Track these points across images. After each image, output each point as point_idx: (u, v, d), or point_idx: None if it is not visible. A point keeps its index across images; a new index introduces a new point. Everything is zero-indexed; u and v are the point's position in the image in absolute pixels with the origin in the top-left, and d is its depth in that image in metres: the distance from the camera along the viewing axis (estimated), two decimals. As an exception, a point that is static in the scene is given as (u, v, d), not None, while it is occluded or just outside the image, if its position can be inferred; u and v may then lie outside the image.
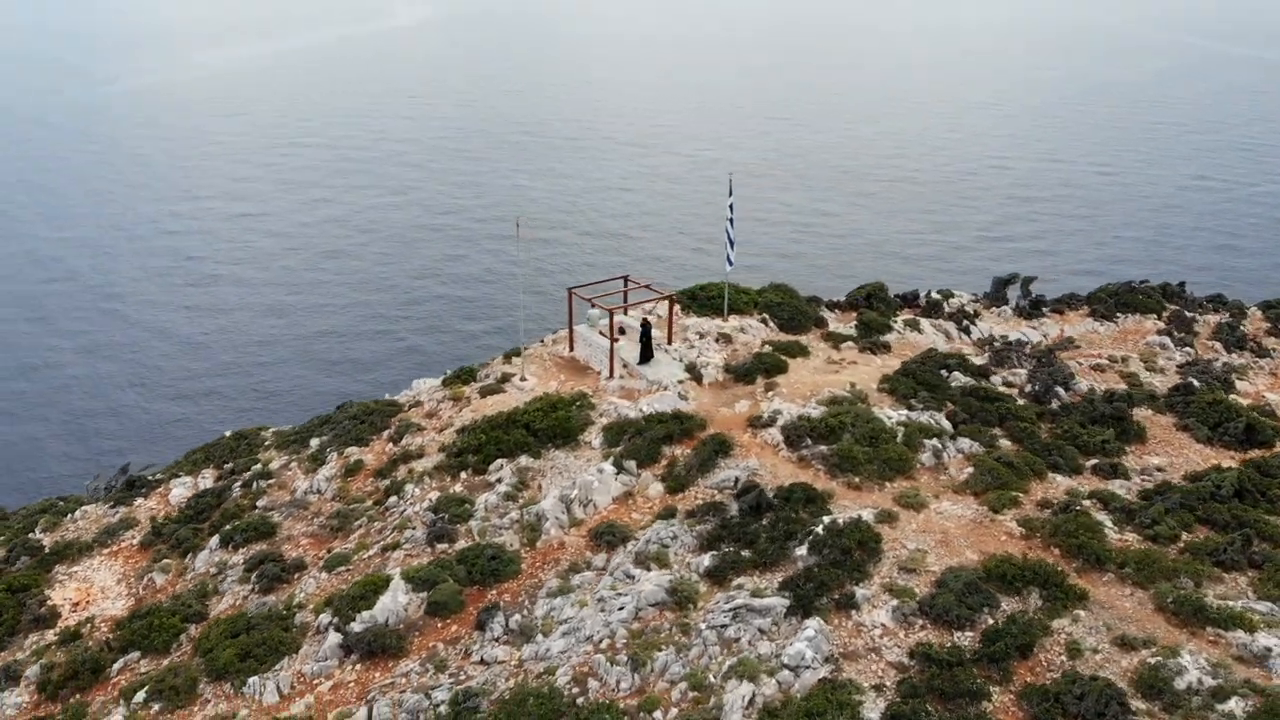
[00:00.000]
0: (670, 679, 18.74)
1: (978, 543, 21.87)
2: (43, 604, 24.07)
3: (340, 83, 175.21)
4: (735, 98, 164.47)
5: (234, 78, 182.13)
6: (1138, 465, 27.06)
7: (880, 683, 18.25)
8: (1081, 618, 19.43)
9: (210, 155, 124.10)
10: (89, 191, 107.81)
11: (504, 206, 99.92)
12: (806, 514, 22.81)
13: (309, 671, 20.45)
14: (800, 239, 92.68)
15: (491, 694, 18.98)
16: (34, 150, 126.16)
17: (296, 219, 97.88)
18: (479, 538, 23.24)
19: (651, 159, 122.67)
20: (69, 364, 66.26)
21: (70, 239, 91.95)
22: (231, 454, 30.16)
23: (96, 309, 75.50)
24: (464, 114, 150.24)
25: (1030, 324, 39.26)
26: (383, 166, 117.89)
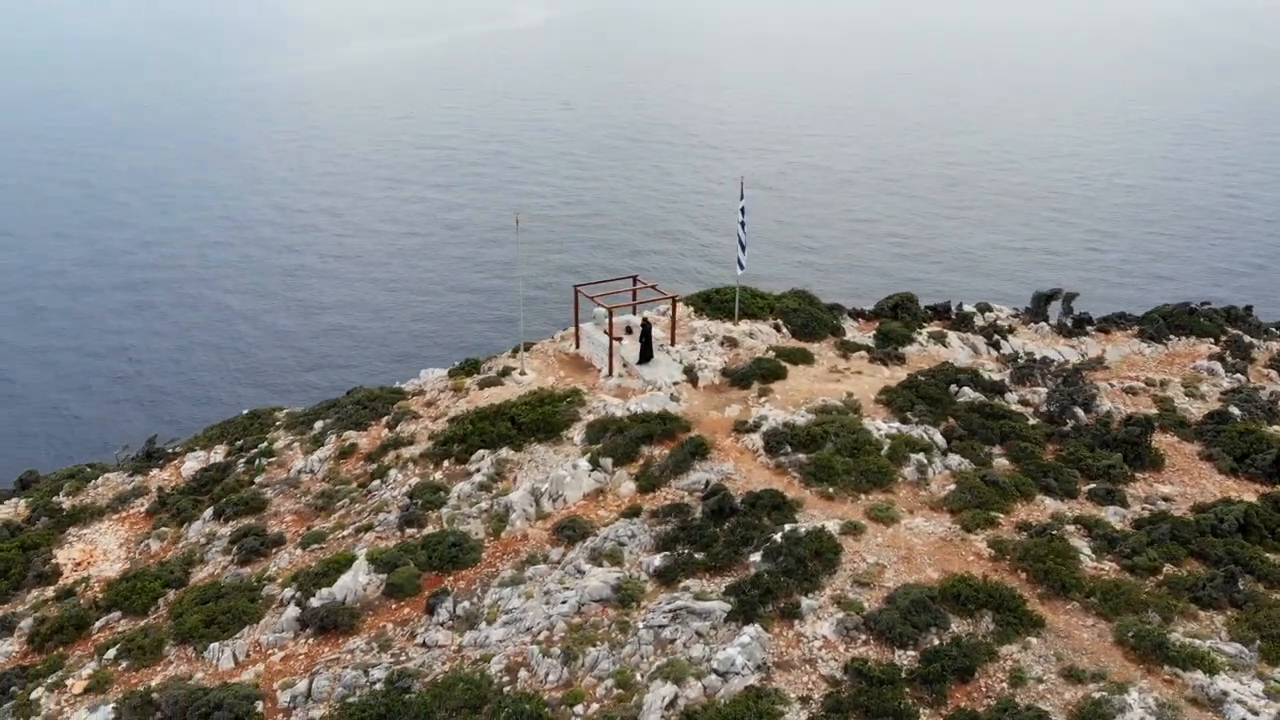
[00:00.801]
0: (598, 675, 18.72)
1: (942, 561, 21.17)
2: (47, 562, 25.58)
3: (453, 82, 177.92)
4: (845, 102, 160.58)
5: (354, 75, 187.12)
6: (1144, 493, 25.70)
7: (809, 695, 17.87)
8: (1033, 645, 18.63)
9: (318, 151, 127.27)
10: (201, 182, 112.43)
11: (594, 208, 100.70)
12: (770, 521, 22.46)
13: (265, 641, 21.15)
14: (885, 247, 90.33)
15: (425, 676, 19.30)
16: (153, 141, 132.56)
17: (392, 215, 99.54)
18: (447, 525, 23.65)
19: (746, 163, 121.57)
20: (155, 344, 69.70)
21: (177, 227, 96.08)
22: (244, 432, 31.45)
23: (193, 294, 78.69)
24: (570, 116, 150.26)
25: (1069, 342, 37.63)
26: (483, 167, 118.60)
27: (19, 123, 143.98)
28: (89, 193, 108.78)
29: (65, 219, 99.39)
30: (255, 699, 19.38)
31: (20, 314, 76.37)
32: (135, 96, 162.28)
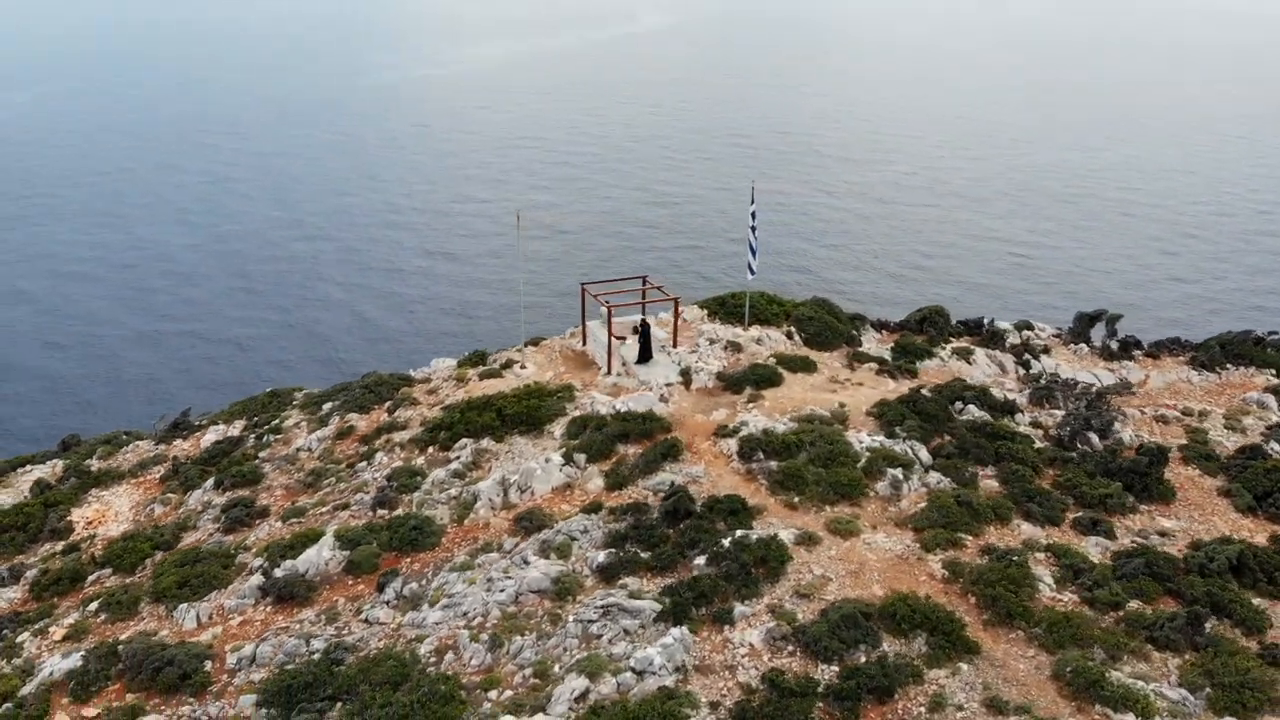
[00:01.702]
0: (520, 663, 18.96)
1: (891, 578, 20.58)
2: (62, 519, 27.41)
3: (572, 85, 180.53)
4: (971, 112, 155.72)
5: (480, 76, 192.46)
6: (1140, 526, 24.35)
7: (720, 701, 17.69)
8: (963, 671, 17.97)
9: (430, 150, 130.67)
10: (317, 177, 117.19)
11: (684, 213, 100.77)
12: (725, 525, 22.26)
13: (229, 606, 22.16)
14: (994, 264, 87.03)
15: (360, 651, 19.90)
16: (278, 135, 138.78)
17: (488, 213, 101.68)
18: (416, 508, 24.28)
19: (860, 174, 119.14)
20: (251, 330, 73.31)
21: (294, 220, 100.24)
22: (263, 409, 32.93)
23: (298, 283, 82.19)
24: (682, 120, 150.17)
25: (1109, 365, 35.82)
26: (589, 171, 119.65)
27: (155, 112, 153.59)
28: (212, 181, 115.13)
29: (187, 206, 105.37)
30: (206, 658, 20.36)
31: (134, 293, 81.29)
32: (271, 93, 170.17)
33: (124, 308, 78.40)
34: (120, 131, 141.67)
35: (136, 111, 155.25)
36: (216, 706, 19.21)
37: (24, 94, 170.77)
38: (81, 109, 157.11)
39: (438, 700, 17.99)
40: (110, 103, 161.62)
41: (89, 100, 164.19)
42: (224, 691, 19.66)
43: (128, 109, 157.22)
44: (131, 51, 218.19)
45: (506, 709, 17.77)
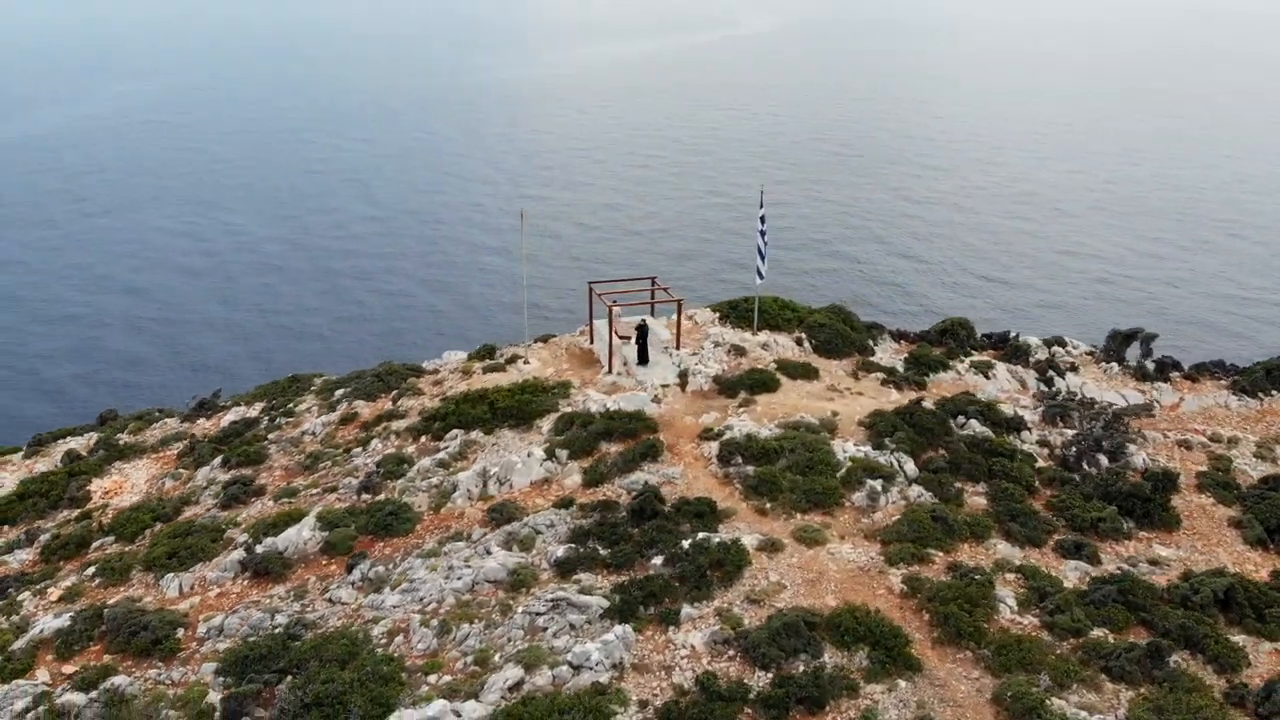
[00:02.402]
0: (463, 650, 19.29)
1: (849, 590, 20.25)
2: (81, 488, 28.93)
3: (663, 89, 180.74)
4: (1080, 123, 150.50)
5: (575, 79, 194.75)
6: (1133, 552, 23.38)
7: (650, 700, 17.70)
8: (899, 688, 17.59)
9: (520, 151, 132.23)
10: (412, 174, 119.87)
11: (771, 219, 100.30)
12: (690, 527, 22.22)
13: (210, 578, 23.09)
14: (1077, 282, 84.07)
15: (319, 628, 20.52)
16: (380, 136, 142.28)
17: (575, 217, 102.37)
18: (398, 495, 24.88)
19: (954, 180, 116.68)
20: (327, 320, 76.02)
21: (380, 215, 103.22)
22: (282, 392, 34.12)
23: (380, 278, 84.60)
24: (779, 126, 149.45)
25: (1140, 386, 34.38)
26: (679, 175, 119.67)
27: (264, 107, 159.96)
28: (305, 174, 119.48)
29: (279, 197, 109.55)
30: (179, 626, 21.27)
31: (219, 280, 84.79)
32: (376, 90, 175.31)
33: (208, 293, 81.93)
34: (230, 123, 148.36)
35: (249, 105, 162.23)
36: (180, 671, 20.06)
37: (151, 83, 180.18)
38: (198, 101, 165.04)
39: (377, 680, 18.44)
40: (225, 96, 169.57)
41: (206, 93, 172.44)
42: (190, 658, 20.51)
43: (242, 103, 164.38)
44: (258, 48, 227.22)
45: (441, 693, 18.12)
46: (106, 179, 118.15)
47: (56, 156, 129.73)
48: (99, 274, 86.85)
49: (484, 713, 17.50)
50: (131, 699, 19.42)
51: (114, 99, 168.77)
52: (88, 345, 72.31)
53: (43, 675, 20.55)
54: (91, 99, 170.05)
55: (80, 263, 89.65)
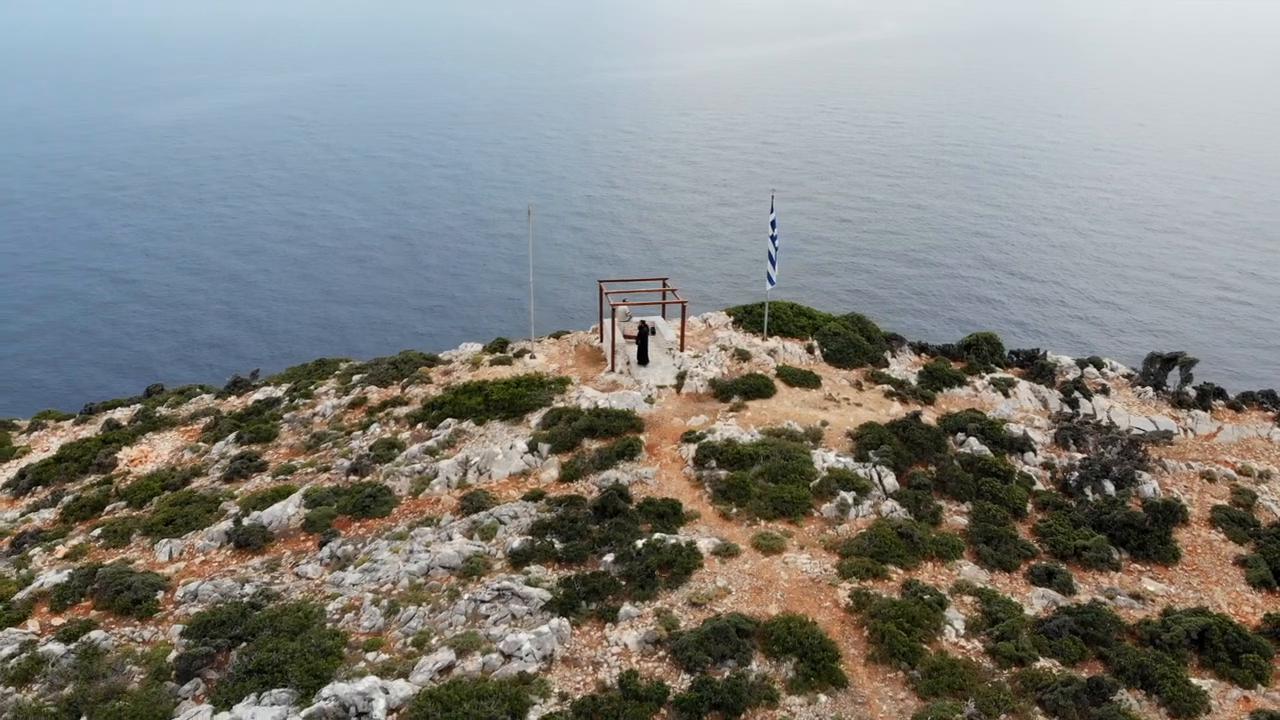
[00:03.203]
0: (405, 631, 19.85)
1: (794, 600, 20.01)
2: (109, 456, 30.75)
3: (782, 93, 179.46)
4: (1212, 139, 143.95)
5: (694, 80, 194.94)
6: (1116, 584, 22.34)
7: (571, 693, 17.90)
8: (820, 702, 17.35)
9: (625, 154, 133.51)
10: (515, 173, 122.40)
11: (870, 227, 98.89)
12: (650, 527, 22.30)
13: (198, 546, 24.28)
14: (1193, 308, 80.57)
15: (281, 600, 21.40)
16: (482, 134, 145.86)
17: (668, 224, 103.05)
18: (383, 479, 25.66)
19: (1068, 196, 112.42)
20: (397, 308, 78.72)
21: (479, 214, 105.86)
22: (308, 375, 35.47)
23: (472, 274, 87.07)
24: (900, 132, 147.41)
25: (1175, 413, 32.64)
26: (794, 177, 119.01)
27: (391, 102, 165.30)
28: (411, 170, 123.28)
29: (389, 194, 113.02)
30: (160, 588, 22.47)
31: (318, 269, 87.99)
32: (493, 88, 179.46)
33: (304, 280, 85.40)
34: (354, 118, 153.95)
35: (376, 101, 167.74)
36: (152, 630, 21.20)
37: (294, 77, 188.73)
38: (330, 96, 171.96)
39: (318, 653, 19.14)
40: (357, 92, 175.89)
41: (340, 88, 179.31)
42: (165, 619, 21.64)
43: (370, 98, 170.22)
44: (398, 46, 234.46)
45: (376, 670, 18.69)
46: (237, 166, 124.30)
47: (198, 142, 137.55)
48: (205, 257, 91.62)
49: (410, 692, 18.00)
50: (104, 653, 20.63)
51: (260, 90, 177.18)
52: (183, 325, 76.31)
53: (34, 625, 22.00)
54: (239, 89, 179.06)
55: (189, 246, 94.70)
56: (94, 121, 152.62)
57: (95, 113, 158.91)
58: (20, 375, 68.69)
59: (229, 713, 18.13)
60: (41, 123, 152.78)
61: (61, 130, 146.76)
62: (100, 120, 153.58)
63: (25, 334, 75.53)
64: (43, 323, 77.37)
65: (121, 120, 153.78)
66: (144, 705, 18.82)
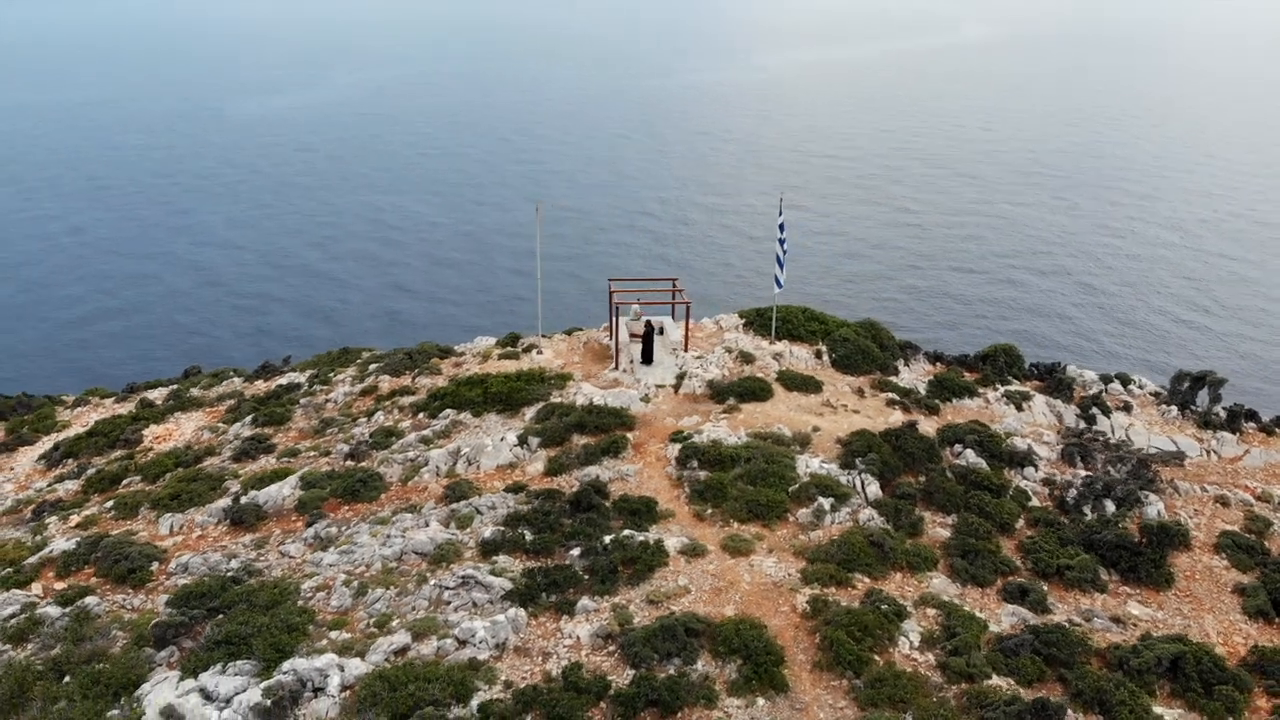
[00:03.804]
0: (370, 613, 20.41)
1: (751, 603, 19.97)
2: (135, 433, 32.22)
3: (860, 97, 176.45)
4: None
5: (773, 84, 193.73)
6: (1097, 605, 21.66)
7: (516, 682, 18.21)
8: (758, 706, 17.34)
9: (698, 157, 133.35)
10: (590, 171, 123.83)
11: (949, 237, 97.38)
12: (620, 523, 22.48)
13: (198, 521, 25.31)
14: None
15: (263, 576, 22.21)
16: (554, 132, 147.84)
17: (735, 228, 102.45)
18: (377, 465, 26.36)
19: (1163, 210, 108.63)
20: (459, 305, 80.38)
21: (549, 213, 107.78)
22: (331, 363, 36.54)
23: (525, 274, 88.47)
24: (982, 138, 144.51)
25: (1200, 433, 31.36)
26: (883, 184, 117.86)
27: (467, 103, 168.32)
28: (483, 167, 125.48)
29: (454, 190, 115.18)
30: (155, 559, 23.51)
31: (391, 265, 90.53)
32: (580, 88, 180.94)
33: (376, 273, 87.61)
34: (435, 115, 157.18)
35: (454, 99, 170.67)
36: (140, 599, 22.23)
37: (379, 74, 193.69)
38: (412, 92, 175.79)
39: (284, 629, 19.82)
40: (437, 89, 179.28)
41: (421, 86, 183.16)
42: (155, 589, 22.66)
43: (449, 96, 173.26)
44: (480, 45, 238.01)
45: (336, 648, 19.28)
46: (321, 160, 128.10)
47: (288, 136, 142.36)
48: (283, 247, 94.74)
49: (364, 671, 18.55)
50: (95, 618, 21.71)
51: (345, 87, 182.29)
52: (255, 313, 78.91)
53: (38, 589, 23.27)
54: (326, 85, 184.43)
55: (269, 236, 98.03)
56: (190, 114, 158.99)
57: (191, 106, 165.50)
58: (99, 353, 71.99)
59: (194, 680, 18.92)
60: (137, 113, 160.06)
61: (160, 122, 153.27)
62: (196, 113, 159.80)
63: (109, 313, 79.32)
64: (125, 304, 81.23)
65: (216, 113, 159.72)
66: (121, 668, 19.76)
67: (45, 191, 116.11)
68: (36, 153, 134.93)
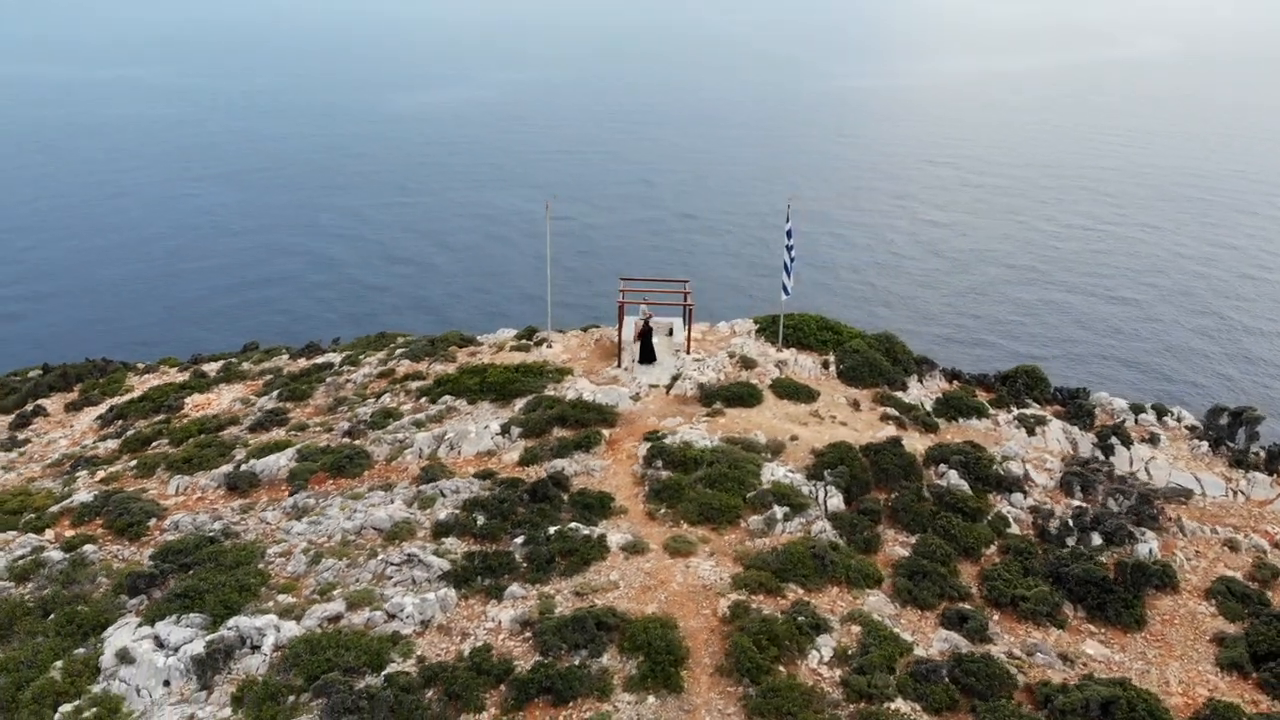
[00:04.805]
0: (317, 580, 21.58)
1: (676, 604, 20.12)
2: (177, 400, 34.65)
3: (1016, 109, 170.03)
4: None
5: (925, 90, 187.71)
6: (1048, 641, 20.77)
7: (429, 658, 18.95)
8: (647, 703, 17.59)
9: (842, 163, 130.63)
10: (713, 176, 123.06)
11: (1089, 257, 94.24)
12: (569, 515, 22.94)
13: (200, 484, 27.13)
14: None
15: (237, 538, 23.70)
16: (681, 138, 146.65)
17: (859, 242, 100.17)
18: (368, 443, 27.62)
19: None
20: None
21: (651, 218, 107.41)
22: (366, 346, 38.24)
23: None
24: (1135, 154, 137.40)
25: (1230, 472, 29.37)
26: (1005, 199, 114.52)
27: (605, 106, 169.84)
28: (605, 170, 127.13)
29: (579, 193, 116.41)
30: (153, 515, 25.40)
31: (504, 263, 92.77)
32: (713, 93, 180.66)
33: (484, 270, 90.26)
34: (576, 116, 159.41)
35: (594, 100, 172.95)
36: (130, 551, 24.10)
37: (525, 74, 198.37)
38: (559, 93, 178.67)
39: (237, 588, 21.20)
40: (580, 90, 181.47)
41: (563, 87, 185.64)
42: (147, 543, 24.51)
43: (591, 97, 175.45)
44: (634, 49, 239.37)
45: (279, 610, 20.48)
46: (455, 157, 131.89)
47: (431, 130, 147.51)
48: (399, 241, 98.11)
49: (296, 633, 19.66)
50: (90, 564, 23.68)
51: (493, 86, 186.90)
52: (369, 302, 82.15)
53: (50, 535, 25.51)
54: (474, 83, 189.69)
55: (392, 230, 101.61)
56: (349, 106, 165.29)
57: (350, 98, 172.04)
58: (221, 326, 75.91)
59: (151, 628, 20.46)
60: (304, 104, 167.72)
61: (322, 112, 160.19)
62: (352, 106, 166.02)
63: (241, 286, 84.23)
64: (263, 277, 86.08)
65: (371, 107, 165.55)
66: (96, 612, 21.56)
67: (208, 172, 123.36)
68: (206, 137, 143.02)
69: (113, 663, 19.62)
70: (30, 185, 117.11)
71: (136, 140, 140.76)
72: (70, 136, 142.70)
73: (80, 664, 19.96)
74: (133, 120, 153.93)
